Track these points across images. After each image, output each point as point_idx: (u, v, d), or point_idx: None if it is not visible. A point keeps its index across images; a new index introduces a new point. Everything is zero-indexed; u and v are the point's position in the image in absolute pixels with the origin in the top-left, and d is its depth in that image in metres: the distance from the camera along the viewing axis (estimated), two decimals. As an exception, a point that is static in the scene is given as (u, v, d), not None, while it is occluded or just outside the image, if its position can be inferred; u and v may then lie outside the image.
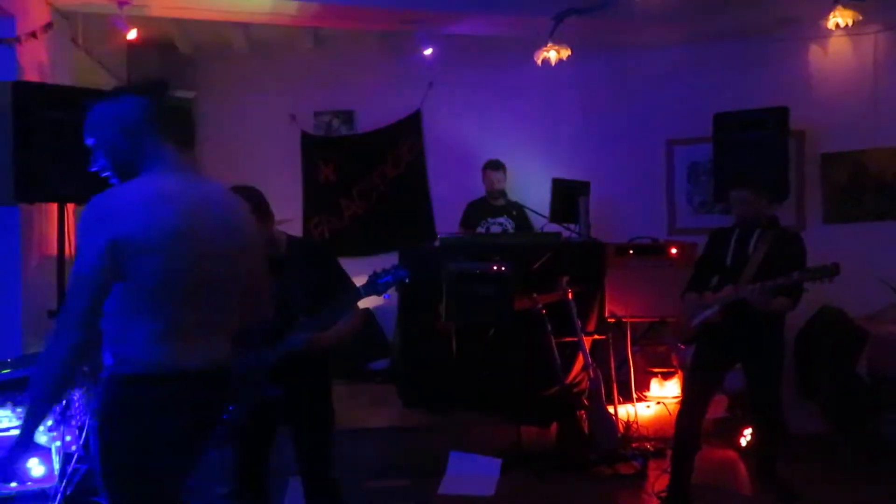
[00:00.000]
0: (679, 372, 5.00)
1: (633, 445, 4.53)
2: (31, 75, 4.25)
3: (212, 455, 3.63)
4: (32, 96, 3.84)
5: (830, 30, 5.11)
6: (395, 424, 4.67)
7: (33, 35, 4.24)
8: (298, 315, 2.64)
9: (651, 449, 4.52)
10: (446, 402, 4.64)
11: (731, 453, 4.54)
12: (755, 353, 3.59)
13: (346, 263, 2.91)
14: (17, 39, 4.11)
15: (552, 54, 5.20)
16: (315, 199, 6.45)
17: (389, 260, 3.39)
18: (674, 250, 4.97)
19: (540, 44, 5.20)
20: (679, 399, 4.84)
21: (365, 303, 2.84)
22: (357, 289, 2.68)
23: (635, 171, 5.97)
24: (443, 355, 4.65)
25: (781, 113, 5.12)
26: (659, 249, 5.02)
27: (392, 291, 2.89)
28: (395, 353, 5.45)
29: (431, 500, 3.90)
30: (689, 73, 5.86)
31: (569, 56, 5.21)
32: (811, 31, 5.48)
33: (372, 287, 2.64)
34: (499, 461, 4.20)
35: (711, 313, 3.60)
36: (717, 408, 4.53)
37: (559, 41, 5.15)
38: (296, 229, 6.03)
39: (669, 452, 4.44)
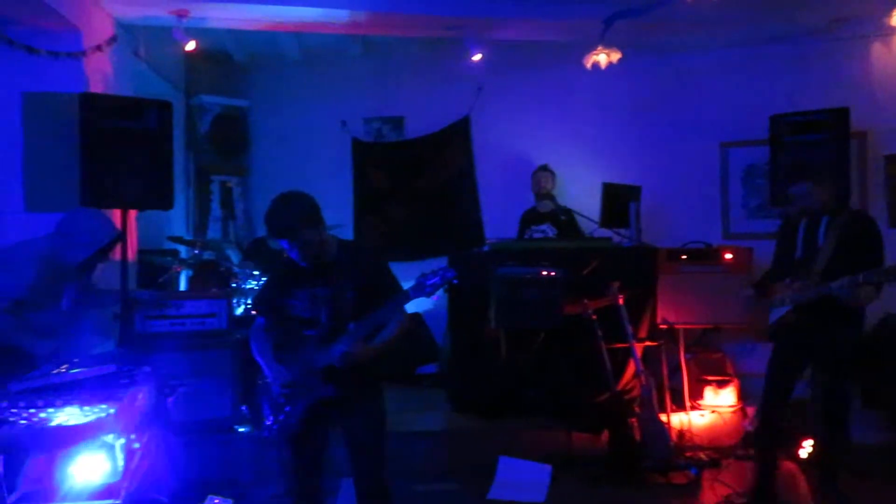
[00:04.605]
0: (735, 380, 4.88)
1: (687, 454, 4.44)
2: (96, 86, 4.43)
3: (268, 455, 3.74)
4: (98, 107, 4.00)
5: (894, 27, 4.93)
6: (445, 428, 4.69)
7: (99, 48, 4.43)
8: (349, 317, 2.68)
9: (705, 458, 4.42)
10: (496, 406, 4.63)
11: (791, 465, 4.40)
12: (830, 353, 3.50)
13: (396, 268, 2.94)
14: (84, 53, 4.29)
15: (602, 57, 5.15)
16: (365, 204, 6.52)
17: (439, 264, 3.40)
18: (728, 255, 4.86)
19: (589, 47, 5.16)
20: (734, 408, 4.76)
21: (415, 307, 2.86)
22: (405, 291, 2.69)
23: (688, 174, 5.87)
24: (492, 360, 4.66)
25: (841, 114, 4.96)
26: (713, 255, 4.92)
27: (442, 295, 2.91)
28: (444, 358, 5.47)
29: (481, 505, 3.90)
30: (744, 75, 5.73)
31: (619, 59, 5.15)
32: (873, 29, 5.30)
33: (420, 289, 2.64)
34: (549, 467, 4.17)
35: (785, 312, 3.56)
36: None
37: (609, 44, 5.11)
38: (347, 234, 6.11)
39: (725, 462, 4.37)
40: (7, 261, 3.38)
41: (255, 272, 5.08)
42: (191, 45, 4.99)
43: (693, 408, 4.78)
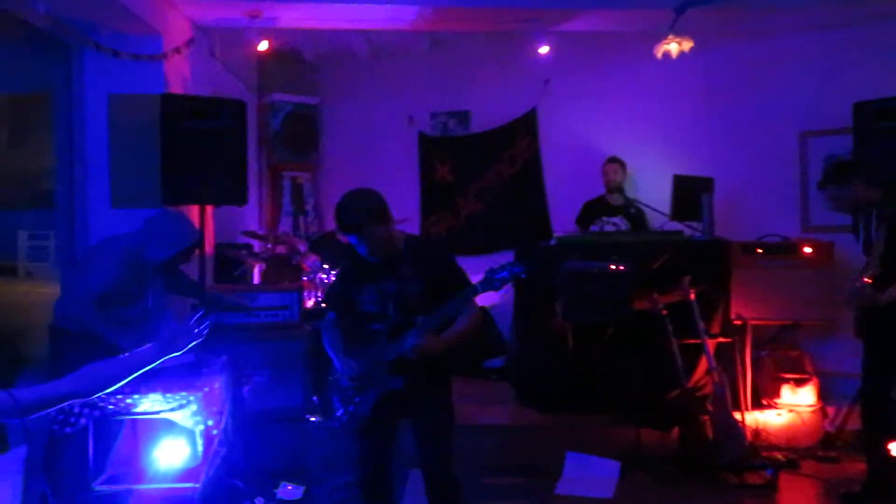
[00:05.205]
0: (814, 378, 4.70)
1: (763, 455, 4.31)
2: (175, 87, 4.61)
3: (338, 445, 3.82)
4: (177, 107, 4.15)
5: None
6: (511, 422, 4.69)
7: (177, 50, 4.61)
8: (417, 312, 2.72)
9: (782, 459, 4.28)
10: (563, 401, 4.60)
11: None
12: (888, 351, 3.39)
13: (463, 262, 2.95)
14: (164, 55, 4.47)
15: (673, 46, 5.00)
16: (432, 198, 6.58)
17: (506, 258, 3.40)
18: (808, 249, 4.67)
19: (660, 36, 5.03)
20: (813, 407, 4.60)
21: (481, 301, 2.87)
22: (473, 285, 2.71)
23: (764, 165, 5.65)
24: (559, 355, 4.62)
25: (933, 100, 4.67)
26: (791, 248, 4.74)
27: (508, 289, 2.91)
28: (511, 352, 5.47)
29: (548, 500, 3.89)
30: (826, 60, 5.47)
31: (691, 48, 5.00)
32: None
33: (489, 283, 2.65)
34: (617, 463, 4.12)
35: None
36: (857, 418, 4.22)
37: (681, 33, 4.96)
38: (413, 228, 6.18)
39: (804, 463, 4.23)
40: (95, 257, 3.59)
41: (325, 265, 5.20)
42: (263, 45, 5.13)
43: (770, 406, 4.62)
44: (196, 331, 2.21)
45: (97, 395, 2.07)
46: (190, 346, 2.19)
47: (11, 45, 4.16)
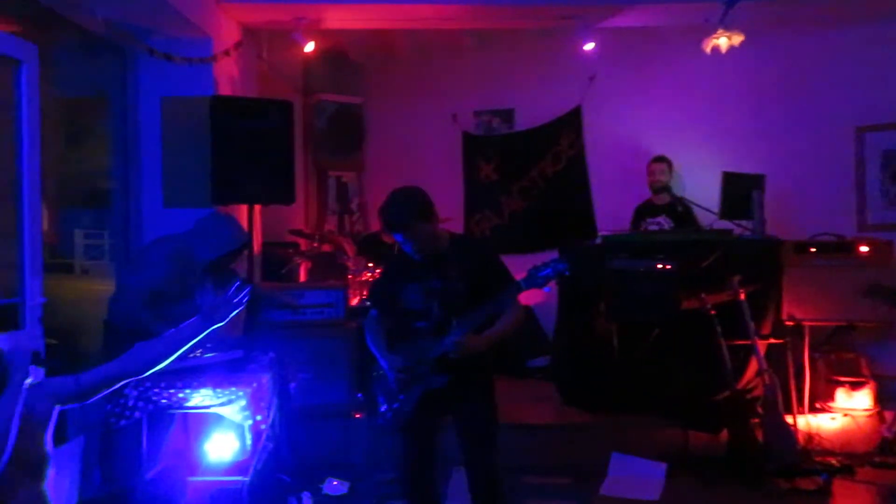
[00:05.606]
0: (871, 382, 4.54)
1: (816, 459, 4.19)
2: (224, 89, 4.71)
3: (382, 442, 3.85)
4: (226, 108, 4.24)
5: None
6: (555, 422, 4.66)
7: (226, 53, 4.71)
8: (461, 309, 2.72)
9: (836, 465, 4.15)
10: (608, 401, 4.55)
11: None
12: None
13: (507, 260, 2.94)
14: (214, 58, 4.57)
15: (723, 41, 4.89)
16: (476, 197, 6.58)
17: (550, 257, 3.37)
18: (864, 248, 4.51)
19: (709, 31, 4.92)
20: (869, 411, 4.45)
21: (525, 300, 2.85)
22: (517, 283, 2.70)
23: (818, 161, 5.49)
24: (604, 355, 4.57)
25: None
26: (846, 247, 4.59)
27: (552, 287, 2.89)
28: (555, 352, 5.43)
29: (593, 501, 3.85)
30: (883, 53, 5.28)
31: (741, 42, 4.88)
32: None
33: (532, 280, 2.64)
34: (664, 465, 4.06)
35: None
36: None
37: (730, 26, 4.85)
38: (458, 227, 6.18)
39: (859, 470, 4.10)
40: (146, 255, 3.70)
41: (370, 264, 5.24)
42: (309, 47, 5.20)
43: (823, 410, 4.49)
44: (235, 301, 2.27)
45: (151, 371, 2.18)
46: (231, 315, 2.26)
47: (70, 51, 4.31)
